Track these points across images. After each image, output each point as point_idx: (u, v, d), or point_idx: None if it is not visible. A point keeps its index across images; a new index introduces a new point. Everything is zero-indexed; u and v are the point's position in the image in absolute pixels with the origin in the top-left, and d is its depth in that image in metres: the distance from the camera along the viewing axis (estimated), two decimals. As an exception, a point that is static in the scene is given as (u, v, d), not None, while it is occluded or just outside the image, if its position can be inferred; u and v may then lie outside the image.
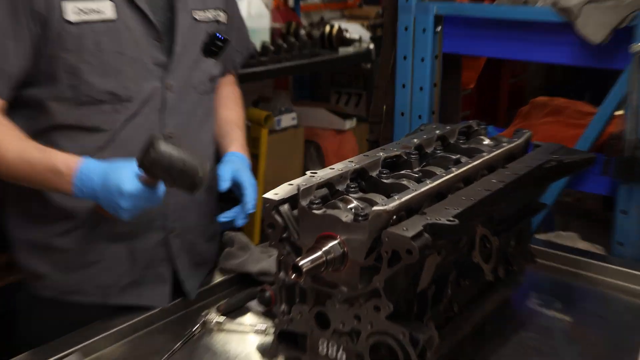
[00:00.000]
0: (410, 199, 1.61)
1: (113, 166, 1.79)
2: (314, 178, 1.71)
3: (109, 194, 1.77)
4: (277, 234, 1.66)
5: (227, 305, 2.10)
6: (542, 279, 2.34)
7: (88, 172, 1.79)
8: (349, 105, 6.00)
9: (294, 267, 1.51)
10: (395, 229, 1.50)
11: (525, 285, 2.20)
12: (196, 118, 2.13)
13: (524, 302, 2.17)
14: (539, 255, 2.29)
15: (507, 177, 1.84)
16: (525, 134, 2.16)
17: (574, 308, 2.16)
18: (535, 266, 2.26)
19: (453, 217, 1.56)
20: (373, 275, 1.57)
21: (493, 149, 2.00)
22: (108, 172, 1.78)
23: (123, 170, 1.78)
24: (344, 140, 5.45)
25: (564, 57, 2.62)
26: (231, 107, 2.39)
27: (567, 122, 2.98)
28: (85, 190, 1.79)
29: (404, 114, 2.98)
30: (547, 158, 2.03)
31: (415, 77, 2.94)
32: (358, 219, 1.54)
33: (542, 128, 2.98)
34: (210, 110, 2.24)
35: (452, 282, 1.85)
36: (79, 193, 1.81)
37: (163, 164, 1.70)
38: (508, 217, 2.03)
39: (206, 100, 2.19)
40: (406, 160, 1.93)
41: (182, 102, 2.07)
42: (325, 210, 1.61)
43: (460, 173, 1.81)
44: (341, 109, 5.82)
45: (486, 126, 2.26)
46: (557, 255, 2.43)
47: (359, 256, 1.56)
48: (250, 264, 2.27)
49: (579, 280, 2.35)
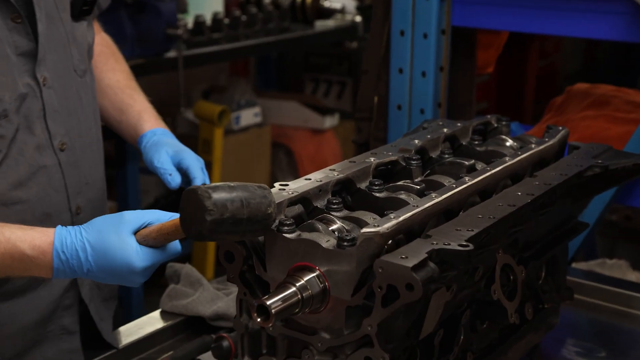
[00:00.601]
0: (411, 217, 1.63)
1: (106, 238, 1.75)
2: (284, 192, 1.72)
3: (114, 275, 1.76)
4: (236, 266, 1.67)
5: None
6: (581, 320, 2.37)
7: (70, 251, 1.78)
8: (329, 96, 6.04)
9: (259, 308, 1.52)
10: (391, 257, 1.51)
11: (560, 329, 2.22)
12: (88, 110, 2.17)
13: (559, 351, 2.19)
14: (577, 290, 2.31)
15: (536, 189, 1.86)
16: (560, 132, 2.19)
17: (622, 357, 2.18)
18: (573, 304, 2.27)
19: (466, 241, 1.58)
20: (363, 318, 1.57)
21: (518, 153, 2.03)
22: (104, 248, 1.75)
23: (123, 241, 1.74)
24: (323, 142, 5.49)
25: (609, 31, 2.64)
26: (112, 66, 2.42)
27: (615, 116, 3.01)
28: (71, 273, 1.81)
29: (401, 107, 3.00)
30: (589, 163, 2.06)
31: (416, 59, 2.96)
32: (343, 244, 1.55)
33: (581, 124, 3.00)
34: (95, 100, 2.27)
35: (466, 326, 1.86)
36: (63, 276, 1.83)
37: (225, 225, 1.58)
38: (537, 240, 2.05)
39: (90, 82, 2.22)
40: (405, 167, 1.94)
41: (64, 96, 2.09)
42: (299, 233, 1.61)
43: (476, 184, 1.83)
44: (319, 102, 5.85)
45: (509, 122, 2.28)
46: (601, 289, 2.45)
47: (344, 293, 1.56)
48: (202, 305, 2.27)
49: (629, 322, 2.37)
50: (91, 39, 2.23)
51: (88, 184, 2.19)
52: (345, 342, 1.61)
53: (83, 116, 2.17)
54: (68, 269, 1.77)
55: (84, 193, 2.17)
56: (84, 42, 2.17)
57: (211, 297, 2.30)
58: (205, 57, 4.51)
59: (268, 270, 1.64)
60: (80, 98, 2.16)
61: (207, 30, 4.58)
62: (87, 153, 2.19)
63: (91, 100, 2.22)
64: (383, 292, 1.52)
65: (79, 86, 2.15)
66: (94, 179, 2.22)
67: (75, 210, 2.13)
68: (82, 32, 2.17)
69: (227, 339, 2.08)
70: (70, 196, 2.12)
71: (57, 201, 2.09)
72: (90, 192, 2.20)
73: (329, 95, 5.99)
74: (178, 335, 2.27)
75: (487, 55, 3.45)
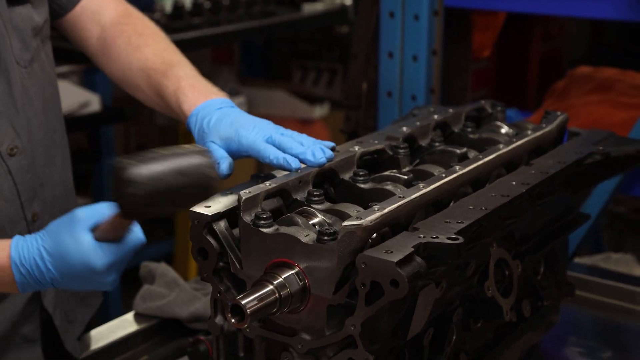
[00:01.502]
0: (396, 209, 1.62)
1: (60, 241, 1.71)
2: (263, 184, 1.71)
3: (79, 280, 1.73)
4: (210, 263, 1.66)
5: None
6: (584, 317, 2.37)
7: (29, 262, 1.76)
8: (318, 84, 6.03)
9: (234, 308, 1.51)
10: (374, 251, 1.50)
11: (560, 327, 2.22)
12: (37, 104, 2.05)
13: (560, 350, 2.19)
14: (579, 286, 2.31)
15: (532, 178, 1.86)
16: (559, 117, 2.18)
17: (628, 357, 2.18)
18: (575, 300, 2.27)
19: (456, 233, 1.57)
20: (345, 317, 1.56)
21: (513, 140, 2.02)
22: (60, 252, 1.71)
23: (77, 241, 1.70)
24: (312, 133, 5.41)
25: (612, 10, 2.64)
26: (136, 44, 2.19)
27: (619, 101, 3.01)
28: (37, 285, 1.79)
29: (392, 94, 2.99)
30: (589, 150, 2.05)
31: (407, 43, 2.95)
32: (323, 239, 1.54)
33: (584, 110, 3.01)
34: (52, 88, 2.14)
35: (458, 325, 1.85)
36: (31, 289, 1.81)
37: (156, 195, 1.56)
38: (535, 233, 2.04)
39: (38, 70, 2.08)
40: (392, 156, 1.93)
41: (9, 94, 1.97)
42: (277, 228, 1.60)
43: (467, 173, 1.82)
44: (308, 90, 5.84)
45: (504, 108, 2.27)
46: (605, 285, 2.45)
47: (325, 291, 1.56)
48: (178, 307, 2.26)
49: (634, 319, 2.37)
50: (40, 18, 2.08)
51: (43, 185, 2.08)
52: (327, 344, 1.60)
53: (32, 111, 2.05)
54: (32, 281, 1.73)
55: (40, 196, 2.08)
56: (26, 27, 2.04)
57: (188, 297, 2.29)
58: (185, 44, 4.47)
59: (244, 267, 1.64)
60: (26, 93, 2.03)
61: (187, 15, 4.56)
62: (41, 152, 2.07)
63: (41, 91, 2.09)
64: (366, 290, 1.51)
65: (25, 79, 2.03)
66: (50, 178, 2.12)
67: (32, 218, 2.04)
68: (24, 17, 2.04)
69: (204, 342, 2.07)
70: (25, 204, 2.02)
71: (10, 212, 2.00)
72: (46, 193, 2.11)
73: (318, 83, 5.98)
74: (152, 339, 2.26)
75: (483, 38, 3.45)
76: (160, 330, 2.27)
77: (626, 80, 3.10)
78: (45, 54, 2.12)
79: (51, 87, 2.14)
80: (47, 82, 2.12)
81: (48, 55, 2.14)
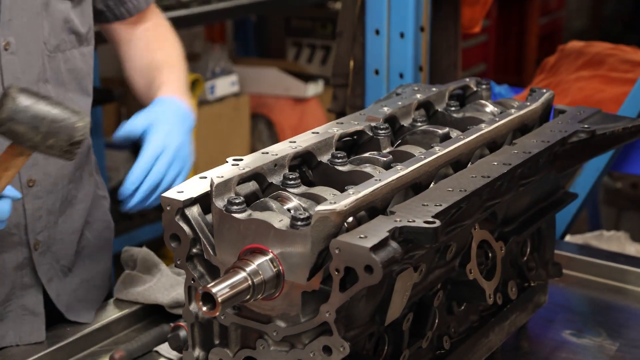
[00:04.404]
0: (372, 193, 1.60)
1: None
2: (237, 167, 1.69)
3: None
4: (183, 249, 1.64)
5: (127, 352, 2.08)
6: (572, 298, 2.36)
7: None
8: (312, 62, 6.02)
9: (205, 296, 1.50)
10: (348, 236, 1.49)
11: (549, 308, 2.21)
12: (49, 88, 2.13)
13: (549, 331, 2.18)
14: (569, 266, 2.30)
15: (514, 158, 1.84)
16: (544, 94, 2.16)
17: (619, 337, 2.16)
18: (564, 280, 2.26)
19: (433, 217, 1.55)
20: (320, 304, 1.55)
21: (496, 119, 2.00)
22: None
23: None
24: (306, 111, 5.46)
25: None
26: (152, 47, 2.43)
27: (610, 76, 3.00)
28: None
29: (379, 72, 2.98)
30: (574, 129, 2.03)
31: (393, 19, 2.93)
32: (296, 224, 1.53)
33: (574, 86, 2.99)
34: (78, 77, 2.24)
35: (441, 308, 1.84)
36: None
37: (25, 116, 1.76)
38: (519, 214, 2.03)
39: (62, 63, 2.17)
40: (372, 138, 1.92)
41: (29, 65, 2.07)
42: (250, 213, 1.59)
43: (447, 154, 1.80)
44: (301, 68, 5.82)
45: (489, 86, 2.25)
46: (594, 264, 2.44)
47: (299, 277, 1.54)
48: (159, 292, 2.25)
49: (624, 298, 2.36)
50: (79, 22, 2.19)
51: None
52: (302, 331, 1.59)
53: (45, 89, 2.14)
54: None
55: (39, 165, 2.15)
56: (59, 18, 2.13)
57: (170, 283, 2.27)
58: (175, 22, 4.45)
59: (218, 253, 1.62)
60: (45, 72, 2.12)
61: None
62: None
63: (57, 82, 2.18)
64: (341, 276, 1.49)
65: (47, 60, 2.12)
66: None
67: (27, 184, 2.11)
68: (62, 10, 2.13)
69: (184, 328, 2.05)
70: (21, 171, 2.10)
71: None
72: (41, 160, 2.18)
73: (312, 60, 5.97)
74: (134, 325, 2.25)
75: (473, 13, 3.41)
76: (142, 317, 2.26)
77: (618, 54, 3.08)
78: (81, 54, 2.23)
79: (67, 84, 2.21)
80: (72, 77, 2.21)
81: (84, 56, 2.25)
